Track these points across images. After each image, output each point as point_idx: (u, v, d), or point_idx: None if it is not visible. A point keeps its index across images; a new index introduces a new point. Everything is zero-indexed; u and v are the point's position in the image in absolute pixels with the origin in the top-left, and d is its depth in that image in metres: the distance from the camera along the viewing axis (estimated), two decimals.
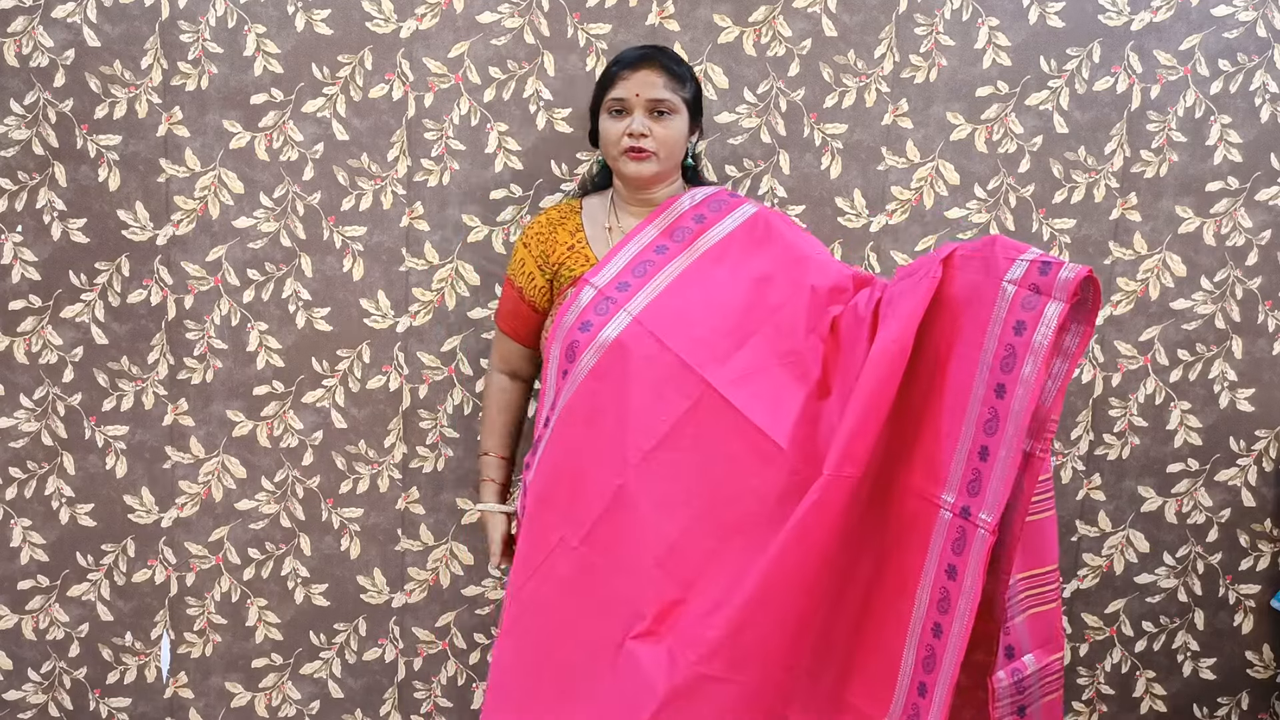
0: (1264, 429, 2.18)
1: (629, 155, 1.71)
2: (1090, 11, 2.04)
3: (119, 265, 2.02)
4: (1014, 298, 1.40)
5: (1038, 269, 1.38)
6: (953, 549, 1.44)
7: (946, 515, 1.46)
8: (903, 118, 2.07)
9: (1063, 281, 1.35)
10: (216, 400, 2.06)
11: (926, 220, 2.09)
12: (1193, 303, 2.14)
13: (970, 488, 1.43)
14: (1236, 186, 2.11)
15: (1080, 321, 1.39)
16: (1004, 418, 1.39)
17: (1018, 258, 1.42)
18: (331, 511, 2.10)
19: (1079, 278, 1.34)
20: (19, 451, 2.05)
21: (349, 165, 2.02)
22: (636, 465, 1.61)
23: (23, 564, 2.08)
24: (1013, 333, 1.39)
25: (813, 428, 1.60)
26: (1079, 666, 2.23)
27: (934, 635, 1.46)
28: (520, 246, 1.85)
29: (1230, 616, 2.23)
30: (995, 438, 1.40)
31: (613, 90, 1.73)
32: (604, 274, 1.70)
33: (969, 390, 1.45)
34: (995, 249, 1.45)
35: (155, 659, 2.13)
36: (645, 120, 1.70)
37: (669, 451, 1.61)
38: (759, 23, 2.03)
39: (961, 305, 1.48)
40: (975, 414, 1.43)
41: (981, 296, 1.45)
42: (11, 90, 1.96)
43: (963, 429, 1.45)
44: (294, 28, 1.98)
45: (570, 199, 1.91)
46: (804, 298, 1.67)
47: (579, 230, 1.80)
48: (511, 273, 1.85)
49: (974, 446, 1.43)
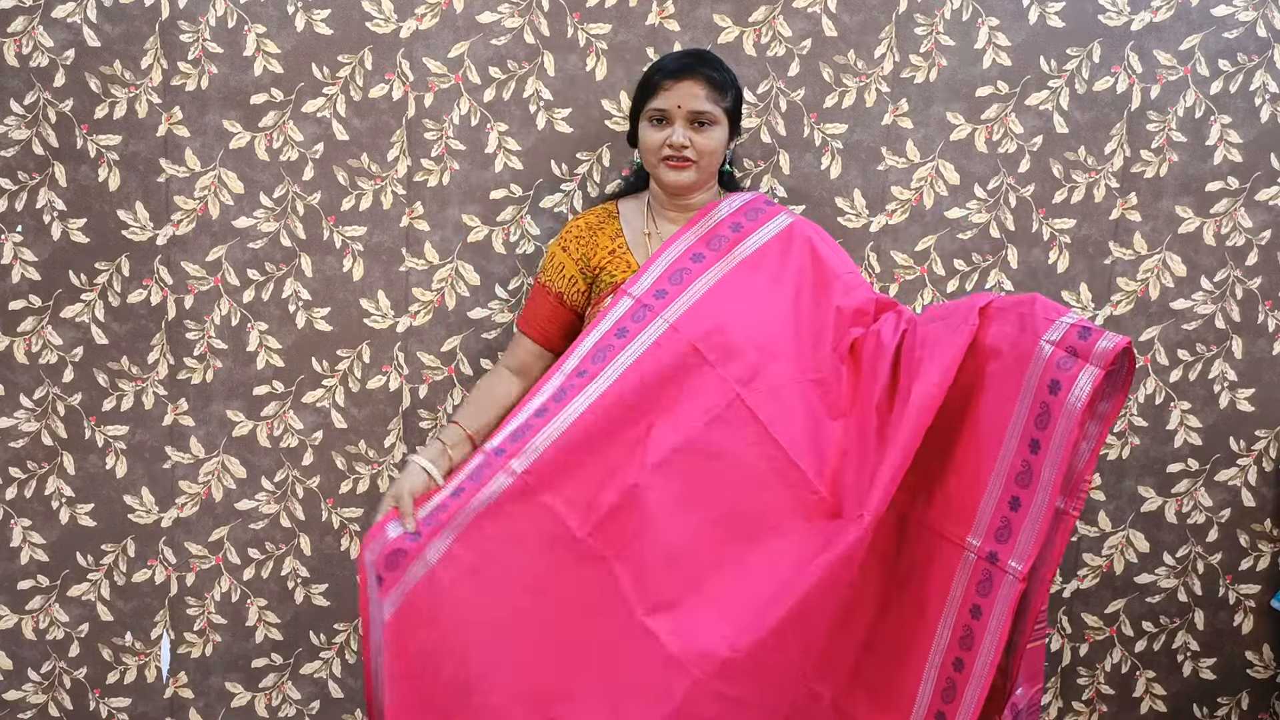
0: (1264, 429, 2.18)
1: (668, 164, 1.73)
2: (1090, 11, 2.04)
3: (119, 265, 2.02)
4: (1050, 358, 1.46)
5: (1077, 333, 1.44)
6: (978, 590, 1.51)
7: (971, 557, 1.53)
8: (903, 118, 2.07)
9: (1100, 351, 1.41)
10: (216, 400, 2.06)
11: (926, 220, 2.09)
12: (1193, 303, 2.14)
13: (999, 534, 1.50)
14: (1236, 186, 2.11)
15: (1114, 389, 1.45)
16: (1038, 471, 1.46)
17: (1058, 319, 1.47)
18: (331, 511, 2.10)
19: (1117, 349, 1.40)
20: (19, 451, 2.05)
21: (349, 165, 2.02)
22: (654, 467, 1.62)
23: (23, 564, 2.08)
24: (1048, 391, 1.45)
25: (829, 449, 1.65)
26: (1079, 666, 2.23)
27: (955, 669, 1.53)
28: (558, 250, 1.84)
29: (1230, 616, 2.23)
30: (1029, 490, 1.47)
31: (654, 100, 1.73)
32: (641, 283, 1.71)
33: (1000, 441, 1.51)
34: (1035, 307, 1.51)
35: (155, 659, 2.13)
36: (686, 131, 1.72)
37: (689, 456, 1.63)
38: (759, 23, 2.03)
39: (988, 355, 1.54)
40: (1007, 465, 1.50)
41: (1017, 351, 1.50)
42: (11, 90, 1.96)
43: (991, 477, 1.51)
44: (294, 28, 1.98)
45: (604, 203, 1.91)
46: (830, 317, 1.71)
47: (619, 235, 1.82)
48: (548, 279, 1.84)
49: (1004, 495, 1.50)
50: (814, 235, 1.80)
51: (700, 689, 1.55)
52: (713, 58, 1.79)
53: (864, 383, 1.66)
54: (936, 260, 2.10)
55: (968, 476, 1.54)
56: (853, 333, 1.71)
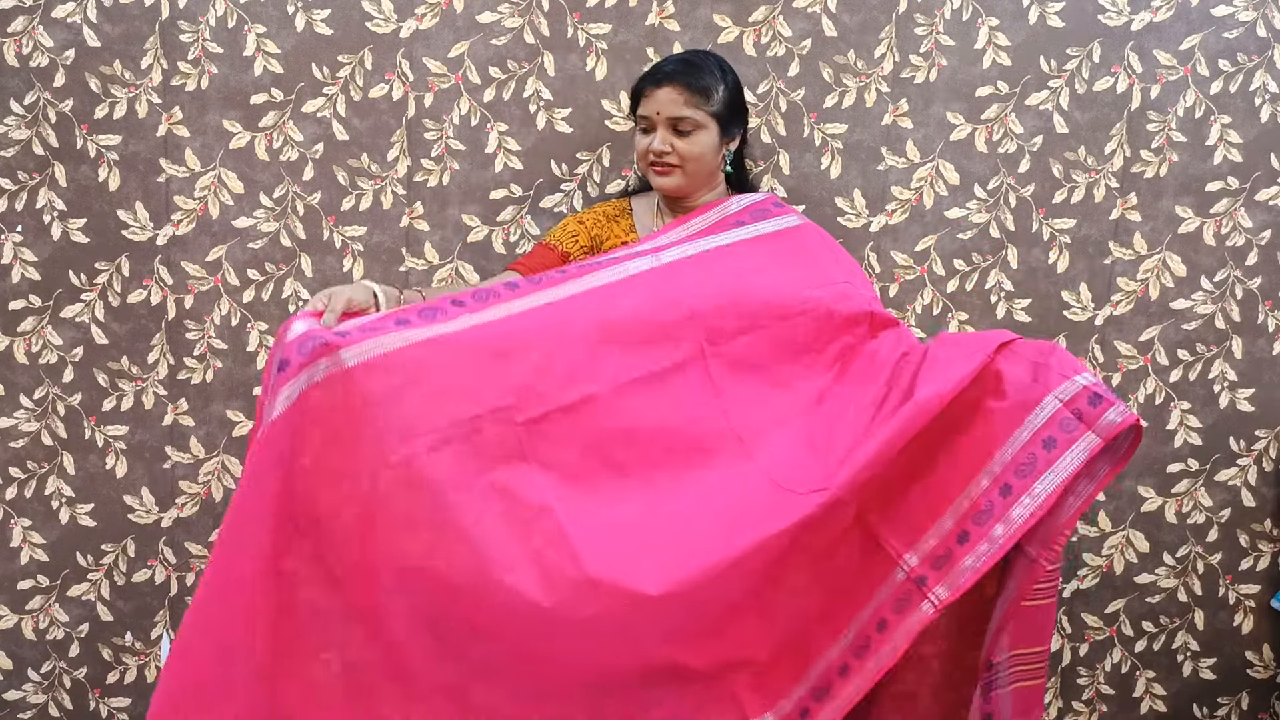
0: (1264, 429, 2.18)
1: (654, 170, 1.78)
2: (1090, 11, 2.05)
3: (119, 265, 2.02)
4: (1054, 414, 1.45)
5: (1088, 398, 1.43)
6: (892, 607, 1.52)
7: (901, 575, 1.53)
8: (903, 118, 2.07)
9: (1106, 423, 1.41)
10: (216, 400, 2.06)
11: (926, 220, 2.09)
12: (1193, 303, 2.14)
13: (936, 562, 1.50)
14: (1236, 186, 2.11)
15: (1115, 458, 1.45)
16: (998, 516, 1.46)
17: (1073, 377, 1.46)
18: None
19: (1124, 425, 1.40)
20: (19, 451, 2.05)
21: (349, 165, 2.02)
22: (616, 387, 1.56)
23: (23, 564, 2.08)
24: (1041, 446, 1.45)
25: (776, 432, 1.64)
26: (1079, 666, 2.23)
27: (839, 674, 1.54)
28: (574, 222, 1.86)
29: (1230, 616, 2.23)
30: (983, 529, 1.47)
31: (639, 107, 1.79)
32: (640, 245, 1.71)
33: (974, 475, 1.50)
34: (1052, 359, 1.50)
35: (155, 659, 2.13)
36: (668, 136, 1.75)
37: (648, 386, 1.58)
38: (759, 23, 2.03)
39: (992, 391, 1.53)
40: (970, 501, 1.50)
41: (1022, 398, 1.49)
42: (11, 90, 1.96)
43: (950, 507, 1.51)
44: (294, 28, 1.98)
45: (618, 199, 1.94)
46: (818, 317, 1.69)
47: (632, 230, 1.86)
48: (557, 239, 1.84)
49: (956, 528, 1.50)
50: (817, 238, 1.80)
51: (609, 617, 1.47)
52: (699, 62, 1.77)
53: (847, 388, 1.65)
54: (936, 260, 2.10)
55: (931, 498, 1.54)
56: (843, 339, 1.70)
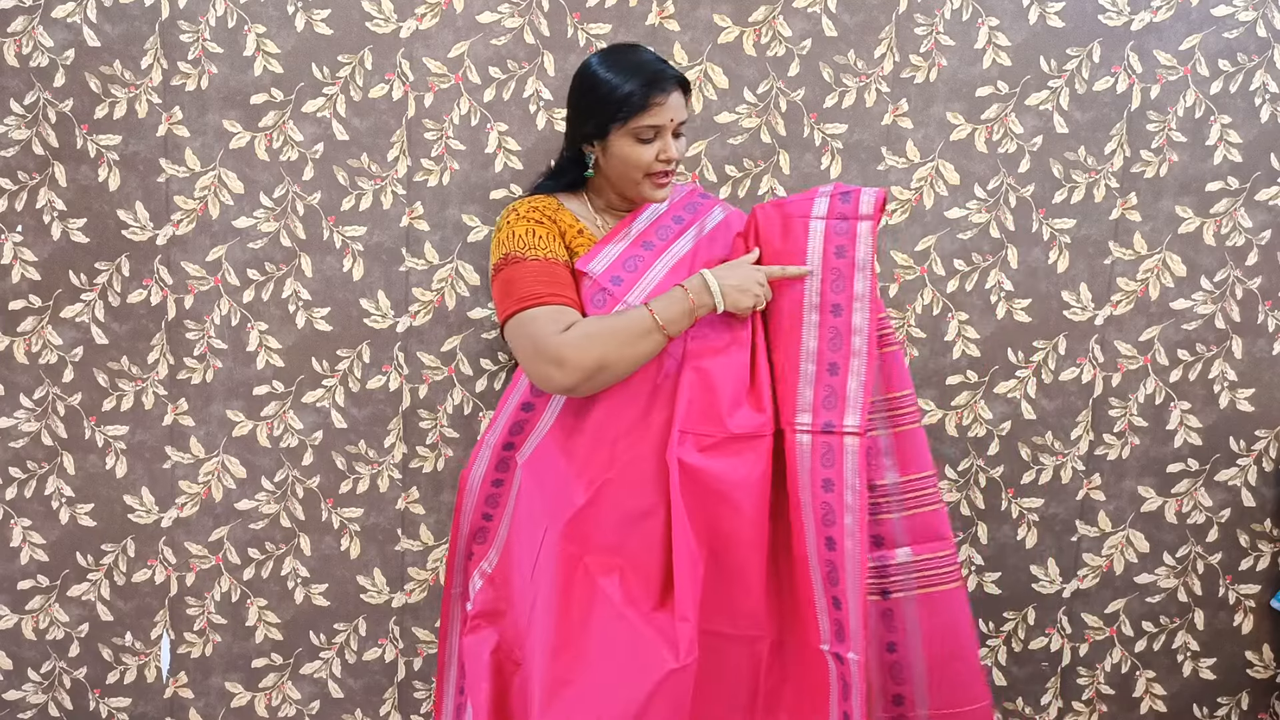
0: (1264, 429, 2.18)
1: (657, 181, 1.67)
2: (1090, 11, 2.05)
3: (119, 265, 2.02)
4: (826, 230, 1.61)
5: (839, 199, 1.61)
6: (822, 463, 1.57)
7: (805, 439, 1.58)
8: (903, 118, 2.07)
9: (866, 204, 1.60)
10: (216, 400, 2.06)
11: (926, 220, 2.09)
12: (1193, 303, 2.14)
13: (826, 404, 1.57)
14: (1236, 186, 2.11)
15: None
16: (846, 333, 1.58)
17: (814, 198, 1.63)
18: (331, 511, 2.10)
19: (880, 199, 1.59)
20: (19, 451, 2.05)
21: (349, 165, 2.02)
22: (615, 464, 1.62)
23: (23, 564, 2.08)
24: (834, 256, 1.59)
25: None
26: (1079, 666, 2.23)
27: (829, 548, 1.57)
28: (532, 225, 1.64)
29: (1230, 616, 2.23)
30: (841, 352, 1.57)
31: (645, 117, 1.61)
32: (596, 263, 1.64)
33: (799, 320, 1.61)
34: (788, 204, 1.66)
35: (155, 659, 2.13)
36: (674, 142, 1.66)
37: (640, 433, 1.63)
38: (759, 23, 2.03)
39: (778, 247, 1.65)
40: (814, 339, 1.60)
41: (791, 233, 1.63)
42: (11, 90, 1.96)
43: (801, 356, 1.61)
44: (294, 28, 1.98)
45: (544, 195, 1.73)
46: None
47: (577, 220, 1.71)
48: (549, 252, 1.63)
49: (820, 367, 1.59)
50: (738, 223, 1.77)
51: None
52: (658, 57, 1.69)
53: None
54: (936, 260, 2.10)
55: (786, 366, 1.61)
56: None
